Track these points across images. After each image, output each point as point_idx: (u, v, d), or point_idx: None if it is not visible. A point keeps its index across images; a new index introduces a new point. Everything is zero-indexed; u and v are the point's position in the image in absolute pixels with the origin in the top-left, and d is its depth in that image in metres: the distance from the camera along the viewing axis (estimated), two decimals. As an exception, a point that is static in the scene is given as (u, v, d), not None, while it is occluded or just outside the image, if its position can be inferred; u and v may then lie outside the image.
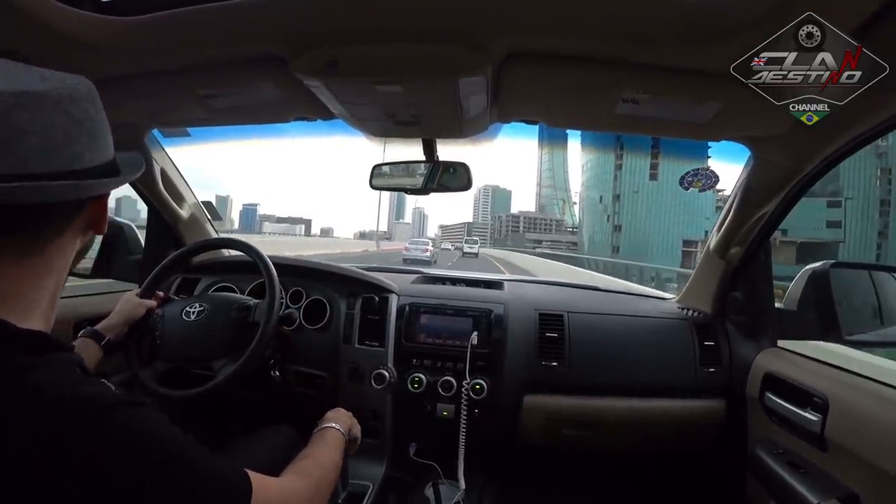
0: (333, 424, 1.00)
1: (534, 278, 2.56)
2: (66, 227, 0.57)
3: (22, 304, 0.54)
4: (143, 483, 0.48)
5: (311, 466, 0.81)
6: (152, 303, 1.27)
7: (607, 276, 15.23)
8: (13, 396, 0.46)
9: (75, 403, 0.48)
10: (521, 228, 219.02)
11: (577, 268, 20.35)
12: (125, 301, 1.22)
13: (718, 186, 1.44)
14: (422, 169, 1.47)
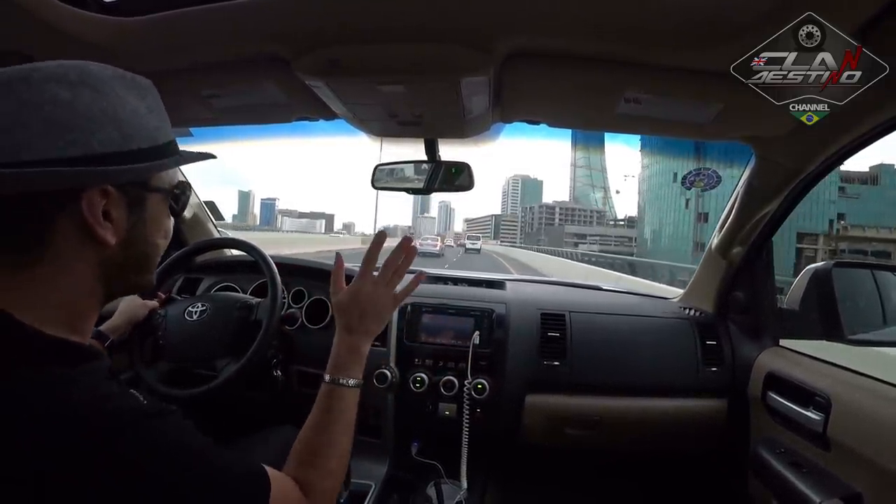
0: (351, 381, 0.80)
1: (536, 277, 2.56)
2: (45, 232, 0.52)
3: (45, 311, 0.53)
4: (177, 490, 0.49)
5: (331, 460, 0.73)
6: (155, 303, 1.28)
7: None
8: (50, 409, 0.46)
9: (113, 415, 0.48)
10: (557, 221, 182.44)
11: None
12: (128, 302, 1.23)
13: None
14: (424, 169, 1.47)
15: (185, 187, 0.66)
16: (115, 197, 0.55)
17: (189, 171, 1.43)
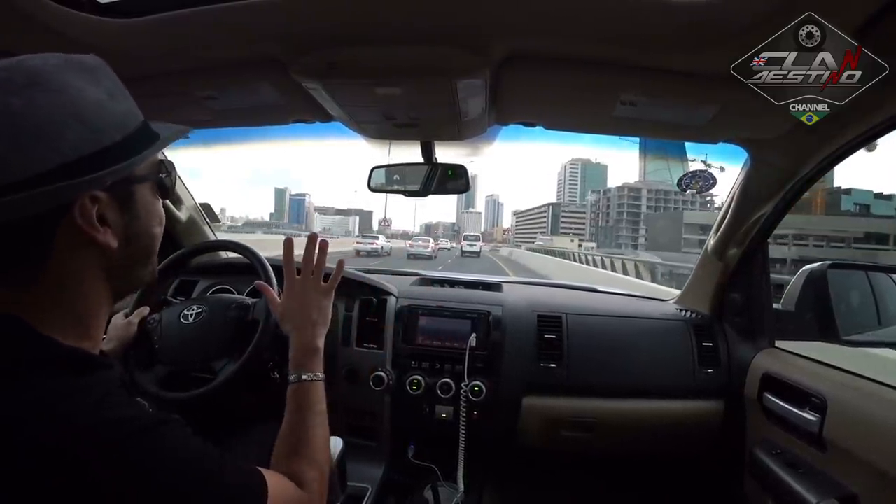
0: (318, 375, 0.85)
1: (532, 280, 2.56)
2: (46, 247, 0.51)
3: (57, 320, 0.53)
4: (180, 497, 0.50)
5: (315, 449, 0.76)
6: (144, 310, 1.25)
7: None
8: (60, 416, 0.46)
9: (121, 423, 0.48)
10: (644, 209, 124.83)
11: None
12: (114, 327, 1.20)
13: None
14: (420, 171, 1.47)
15: (168, 167, 0.65)
16: (105, 200, 0.53)
17: (218, 170, 1.40)
